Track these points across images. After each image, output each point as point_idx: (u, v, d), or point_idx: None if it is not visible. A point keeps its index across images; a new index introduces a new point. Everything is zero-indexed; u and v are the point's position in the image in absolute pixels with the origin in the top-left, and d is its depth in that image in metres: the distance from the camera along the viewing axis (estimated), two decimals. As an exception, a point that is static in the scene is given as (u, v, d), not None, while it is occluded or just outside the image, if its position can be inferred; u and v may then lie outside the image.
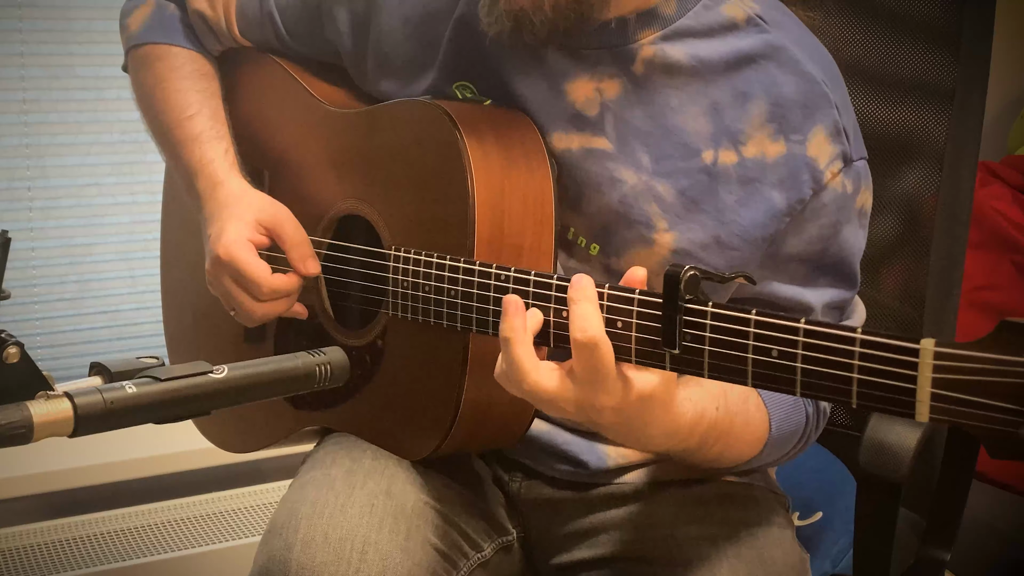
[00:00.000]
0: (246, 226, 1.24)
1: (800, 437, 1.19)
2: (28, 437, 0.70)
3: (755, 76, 1.11)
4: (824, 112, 1.11)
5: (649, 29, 1.12)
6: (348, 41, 1.29)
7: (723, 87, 1.11)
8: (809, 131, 1.10)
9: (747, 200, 1.11)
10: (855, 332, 0.84)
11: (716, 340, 0.91)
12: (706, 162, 1.12)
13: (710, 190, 1.12)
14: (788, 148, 1.10)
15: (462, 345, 1.13)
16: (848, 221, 1.14)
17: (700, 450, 1.07)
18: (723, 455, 1.11)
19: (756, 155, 1.11)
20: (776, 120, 1.10)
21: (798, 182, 1.10)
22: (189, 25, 1.39)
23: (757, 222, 1.11)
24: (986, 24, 1.38)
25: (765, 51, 1.11)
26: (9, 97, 2.21)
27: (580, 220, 1.17)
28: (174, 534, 2.17)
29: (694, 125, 1.12)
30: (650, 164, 1.13)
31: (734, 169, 1.11)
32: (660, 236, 1.14)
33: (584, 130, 1.15)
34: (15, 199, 2.24)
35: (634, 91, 1.13)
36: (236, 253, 1.21)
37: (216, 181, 1.29)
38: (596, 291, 0.96)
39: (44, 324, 2.31)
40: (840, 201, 1.12)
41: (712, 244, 1.13)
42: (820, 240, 1.14)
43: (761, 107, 1.11)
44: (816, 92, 1.11)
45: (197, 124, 1.33)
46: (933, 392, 0.80)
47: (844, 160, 1.11)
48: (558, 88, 1.16)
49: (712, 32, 1.12)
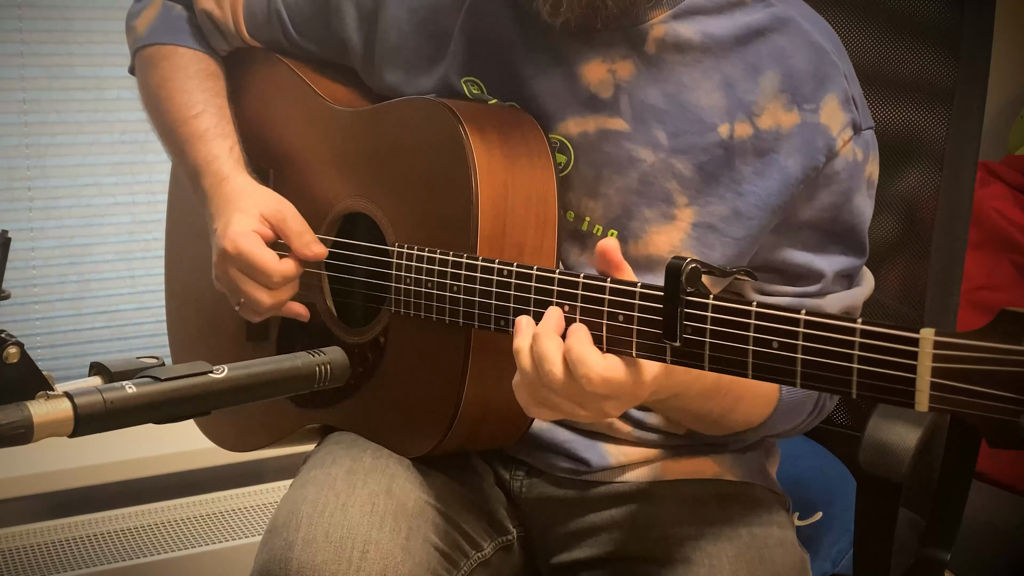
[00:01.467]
0: (251, 219, 1.24)
1: (812, 409, 1.20)
2: (28, 437, 0.70)
3: (765, 49, 1.13)
4: (834, 81, 1.13)
5: (659, 9, 1.14)
6: (355, 35, 1.29)
7: (734, 62, 1.13)
8: (821, 100, 1.13)
9: (763, 170, 1.13)
10: (855, 323, 0.85)
11: (717, 332, 0.92)
12: (722, 136, 1.13)
13: (727, 163, 1.14)
14: (802, 117, 1.12)
15: (464, 342, 1.13)
16: (858, 189, 1.16)
17: (703, 406, 1.09)
18: (730, 413, 1.13)
19: (771, 126, 1.13)
20: (789, 90, 1.12)
21: (812, 149, 1.12)
22: (196, 25, 1.39)
23: (773, 191, 1.13)
24: (986, 24, 1.38)
25: (773, 24, 1.13)
26: (9, 97, 2.21)
27: (597, 206, 1.18)
28: (174, 534, 2.17)
29: (708, 100, 1.14)
30: (667, 141, 1.14)
31: (750, 141, 1.13)
32: (681, 211, 1.15)
33: (600, 112, 1.16)
34: (15, 199, 2.24)
35: (647, 71, 1.15)
36: (243, 244, 1.22)
37: (221, 177, 1.29)
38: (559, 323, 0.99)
39: (44, 324, 2.31)
40: (851, 168, 1.14)
41: (731, 216, 1.14)
42: (832, 207, 1.15)
43: (773, 79, 1.13)
44: (826, 61, 1.13)
45: (202, 122, 1.33)
46: (933, 381, 0.81)
47: (854, 128, 1.14)
48: (571, 72, 1.17)
49: (720, 9, 1.14)
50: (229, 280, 1.25)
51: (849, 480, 1.50)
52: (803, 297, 1.18)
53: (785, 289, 1.18)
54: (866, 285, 1.23)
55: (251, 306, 1.26)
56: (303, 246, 1.24)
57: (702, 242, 1.15)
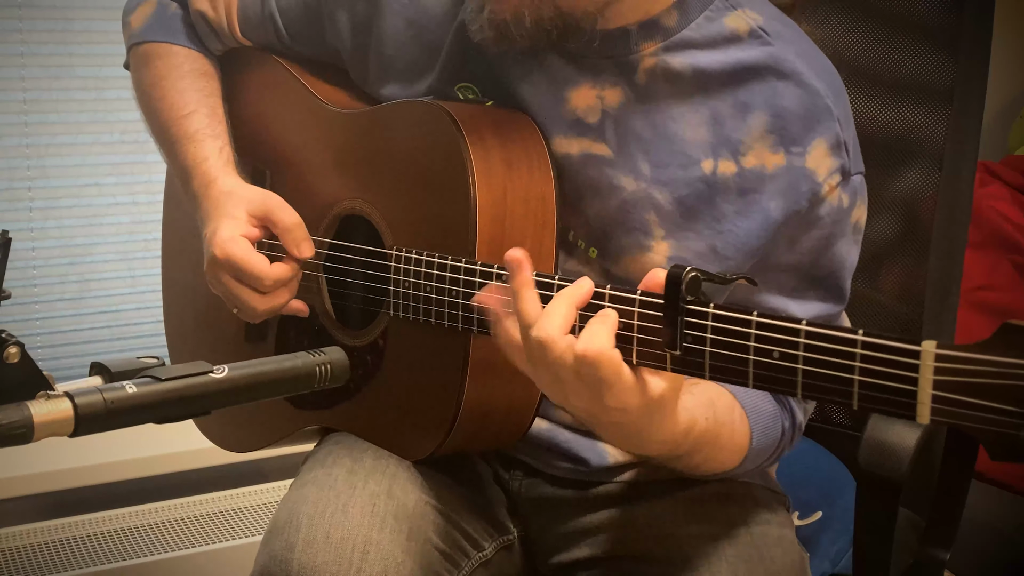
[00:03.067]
0: (237, 222, 1.24)
1: (774, 451, 1.19)
2: (28, 437, 0.70)
3: (757, 87, 1.11)
4: (826, 125, 1.11)
5: (651, 40, 1.13)
6: (349, 43, 1.29)
7: (724, 98, 1.12)
8: (809, 143, 1.10)
9: (744, 210, 1.12)
10: (856, 334, 0.84)
11: (717, 341, 0.91)
12: (705, 171, 1.12)
13: (708, 200, 1.12)
14: (788, 160, 1.11)
15: (463, 346, 1.13)
16: (842, 235, 1.14)
17: (687, 456, 1.07)
18: (705, 463, 1.11)
19: (755, 166, 1.11)
20: (776, 131, 1.11)
21: (796, 193, 1.11)
22: (191, 24, 1.39)
23: (753, 232, 1.12)
24: (985, 24, 1.38)
25: (767, 63, 1.11)
26: (9, 97, 2.21)
27: (579, 223, 1.18)
28: (174, 534, 2.17)
29: (694, 135, 1.12)
30: (649, 172, 1.13)
31: (733, 179, 1.12)
32: (657, 244, 1.14)
33: (585, 136, 1.16)
34: (15, 199, 2.24)
35: (635, 100, 1.14)
36: (232, 251, 1.21)
37: (209, 179, 1.29)
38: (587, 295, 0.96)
39: (44, 324, 2.31)
40: (836, 214, 1.13)
41: (708, 253, 1.13)
42: (812, 252, 1.14)
43: (762, 118, 1.11)
44: (818, 105, 1.11)
45: (193, 122, 1.33)
46: (934, 394, 0.81)
47: (843, 174, 1.12)
48: (560, 94, 1.16)
49: (714, 44, 1.12)
50: (222, 286, 1.25)
51: (849, 480, 1.50)
52: None
53: None
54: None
55: (245, 312, 1.26)
56: (292, 243, 1.23)
57: None
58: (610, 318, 0.95)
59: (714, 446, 1.08)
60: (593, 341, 0.92)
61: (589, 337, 0.93)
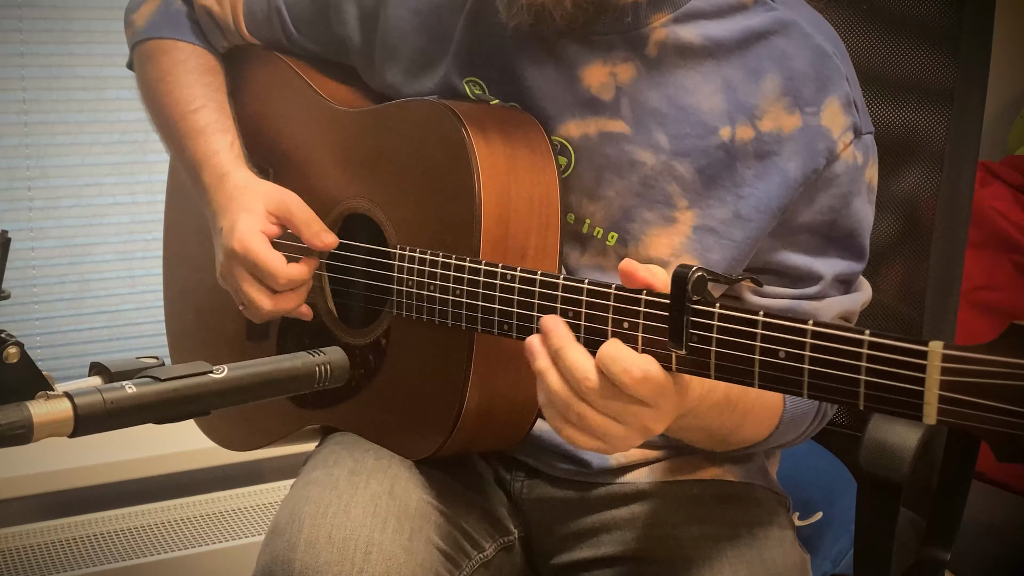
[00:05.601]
0: (257, 217, 1.24)
1: (813, 418, 1.20)
2: (28, 437, 0.70)
3: (766, 52, 1.13)
4: (836, 84, 1.13)
5: (660, 12, 1.14)
6: (356, 34, 1.29)
7: (736, 65, 1.13)
8: (822, 102, 1.12)
9: (764, 173, 1.13)
10: (863, 334, 0.84)
11: (723, 341, 0.91)
12: (723, 139, 1.13)
13: (728, 166, 1.14)
14: (803, 120, 1.12)
15: (466, 345, 1.13)
16: (858, 193, 1.16)
17: (714, 421, 1.08)
18: (739, 429, 1.12)
19: (772, 129, 1.12)
20: (790, 93, 1.12)
21: (813, 152, 1.12)
22: (195, 21, 1.39)
23: (773, 193, 1.13)
24: (986, 24, 1.38)
25: (775, 27, 1.13)
26: (9, 97, 2.21)
27: (598, 208, 1.18)
28: (174, 534, 2.17)
29: (709, 104, 1.13)
30: (668, 144, 1.14)
31: (751, 144, 1.13)
32: (681, 214, 1.15)
33: (600, 114, 1.16)
34: (15, 199, 2.24)
35: (648, 74, 1.15)
36: (251, 245, 1.21)
37: (222, 173, 1.28)
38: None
39: (44, 324, 2.31)
40: (851, 172, 1.14)
41: (731, 218, 1.14)
42: (831, 211, 1.15)
43: (775, 81, 1.12)
44: (828, 64, 1.13)
45: (202, 117, 1.33)
46: (941, 394, 0.80)
47: (855, 132, 1.13)
48: (572, 75, 1.17)
49: (722, 12, 1.14)
50: (235, 280, 1.24)
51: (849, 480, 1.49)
52: (801, 299, 1.17)
53: (783, 291, 1.18)
54: (864, 292, 1.23)
55: (251, 310, 1.26)
56: (312, 236, 1.23)
57: (702, 245, 1.15)
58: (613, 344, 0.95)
59: (742, 407, 1.09)
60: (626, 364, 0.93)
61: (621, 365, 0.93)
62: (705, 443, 1.18)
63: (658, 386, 0.94)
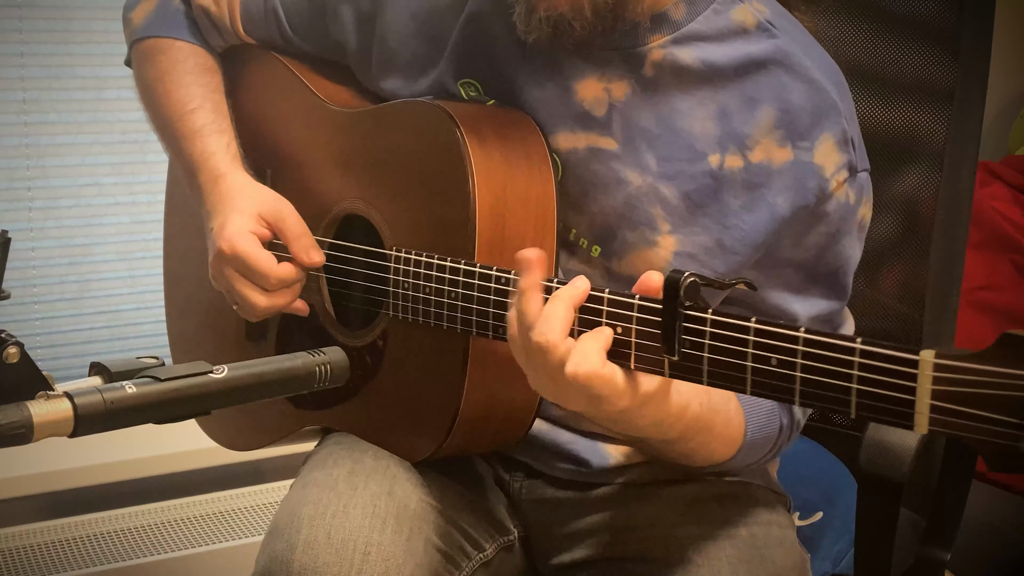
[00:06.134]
0: (249, 218, 1.24)
1: (771, 447, 1.19)
2: (28, 437, 0.70)
3: (764, 81, 1.11)
4: (833, 120, 1.11)
5: (659, 33, 1.13)
6: (353, 38, 1.29)
7: (732, 92, 1.12)
8: (817, 139, 1.10)
9: (751, 205, 1.12)
10: (855, 342, 0.84)
11: (715, 347, 0.91)
12: (712, 166, 1.12)
13: (715, 194, 1.12)
14: (795, 155, 1.11)
15: (462, 347, 1.13)
16: (848, 232, 1.14)
17: (679, 442, 1.07)
18: (697, 451, 1.11)
19: (762, 160, 1.11)
20: (784, 126, 1.11)
21: (803, 189, 1.11)
22: (193, 20, 1.39)
23: (759, 227, 1.12)
24: (986, 24, 1.38)
25: (775, 57, 1.11)
26: (9, 97, 2.21)
27: (583, 221, 1.17)
28: (174, 534, 2.17)
29: (701, 129, 1.12)
30: (656, 166, 1.13)
31: (740, 174, 1.11)
32: (663, 239, 1.14)
33: (591, 129, 1.15)
34: (15, 199, 2.24)
35: (643, 93, 1.14)
36: (240, 245, 1.21)
37: (218, 174, 1.28)
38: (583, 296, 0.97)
39: (44, 324, 2.31)
40: (843, 211, 1.13)
41: (714, 248, 1.13)
42: (817, 248, 1.14)
43: (769, 113, 1.11)
44: (825, 100, 1.11)
45: (199, 118, 1.32)
46: (932, 404, 0.80)
47: (850, 170, 1.12)
48: (566, 87, 1.16)
49: (722, 36, 1.12)
50: (225, 280, 1.24)
51: (849, 480, 1.49)
52: None
53: None
54: (846, 329, 1.22)
55: (245, 309, 1.25)
56: (301, 250, 1.23)
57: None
58: (603, 335, 0.95)
59: (708, 432, 1.08)
60: (584, 363, 0.93)
61: (581, 359, 0.94)
62: (663, 452, 1.17)
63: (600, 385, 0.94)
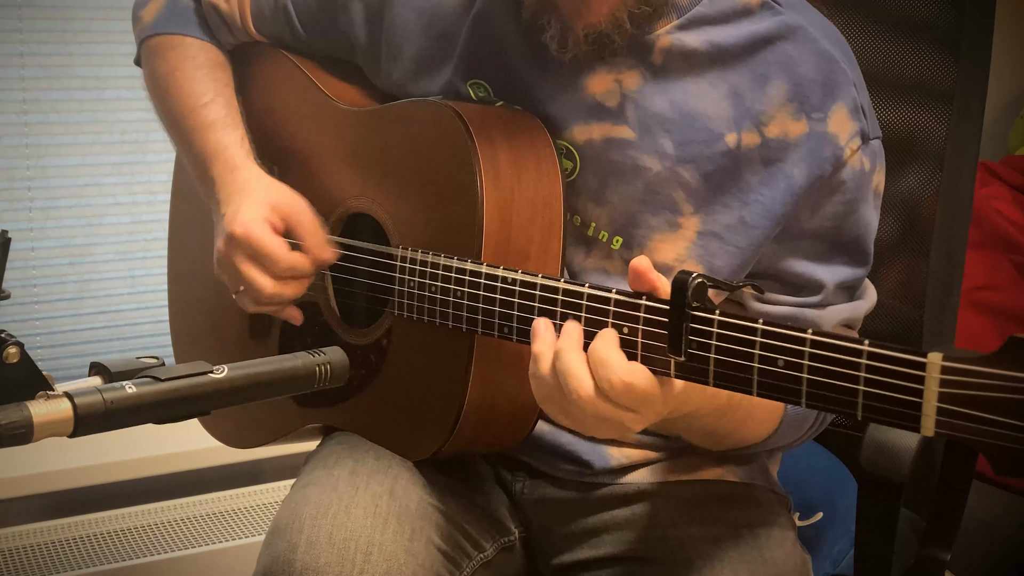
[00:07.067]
0: (263, 207, 1.23)
1: (814, 420, 1.20)
2: (28, 437, 0.70)
3: (773, 57, 1.12)
4: (843, 89, 1.12)
5: (665, 19, 1.14)
6: (362, 33, 1.29)
7: (741, 71, 1.13)
8: (829, 108, 1.12)
9: (769, 179, 1.13)
10: (862, 344, 0.84)
11: (722, 348, 0.91)
12: (730, 145, 1.13)
13: (734, 173, 1.13)
14: (809, 126, 1.12)
15: (467, 347, 1.13)
16: (864, 199, 1.15)
17: (714, 423, 1.08)
18: (737, 431, 1.12)
19: (779, 135, 1.12)
20: (796, 99, 1.12)
21: (819, 159, 1.12)
22: (203, 17, 1.39)
23: (778, 200, 1.13)
24: (986, 24, 1.38)
25: (781, 32, 1.12)
26: (9, 97, 2.21)
27: (603, 213, 1.18)
28: (174, 534, 2.17)
29: (715, 110, 1.13)
30: (674, 151, 1.14)
31: (757, 150, 1.13)
32: (686, 220, 1.15)
33: (605, 120, 1.16)
34: (15, 199, 2.24)
35: (654, 80, 1.14)
36: (253, 228, 1.21)
37: (233, 166, 1.28)
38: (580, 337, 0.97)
39: (44, 324, 2.31)
40: (858, 178, 1.14)
41: (736, 224, 1.14)
42: (836, 217, 1.15)
43: (781, 87, 1.12)
44: (835, 70, 1.12)
45: (212, 111, 1.32)
46: (939, 407, 0.80)
47: (862, 138, 1.13)
48: (577, 82, 1.17)
49: (727, 18, 1.13)
50: (231, 266, 1.23)
51: (850, 480, 1.49)
52: (803, 307, 1.17)
53: (785, 299, 1.17)
54: (868, 298, 1.22)
55: (251, 293, 1.24)
56: (315, 245, 1.23)
57: (707, 251, 1.15)
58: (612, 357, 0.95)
59: (737, 413, 1.09)
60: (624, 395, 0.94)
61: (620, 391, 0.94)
62: (703, 442, 1.19)
63: (640, 396, 0.94)
